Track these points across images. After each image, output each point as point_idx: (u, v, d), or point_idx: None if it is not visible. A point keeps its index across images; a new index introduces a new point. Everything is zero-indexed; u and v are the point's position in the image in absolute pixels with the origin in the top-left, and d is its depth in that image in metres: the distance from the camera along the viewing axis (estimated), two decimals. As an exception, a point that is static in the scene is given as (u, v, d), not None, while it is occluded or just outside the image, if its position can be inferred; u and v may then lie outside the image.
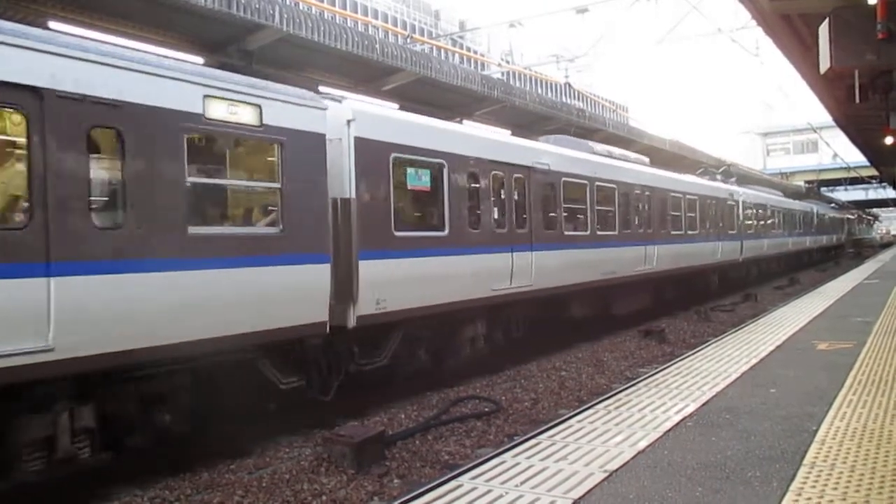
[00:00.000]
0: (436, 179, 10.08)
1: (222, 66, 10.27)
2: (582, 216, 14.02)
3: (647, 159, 18.63)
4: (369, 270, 8.52)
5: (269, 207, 7.83)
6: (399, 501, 4.84)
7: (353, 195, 8.45)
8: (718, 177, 26.08)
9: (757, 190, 29.69)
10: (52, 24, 10.00)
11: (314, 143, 7.96)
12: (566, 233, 13.08)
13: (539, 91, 33.27)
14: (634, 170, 16.77)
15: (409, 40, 23.22)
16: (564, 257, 12.82)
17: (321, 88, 10.72)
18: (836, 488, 4.22)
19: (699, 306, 18.92)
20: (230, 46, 12.78)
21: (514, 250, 11.51)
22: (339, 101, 8.80)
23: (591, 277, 13.84)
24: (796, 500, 4.06)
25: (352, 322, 8.40)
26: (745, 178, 35.79)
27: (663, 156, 28.39)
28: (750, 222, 25.99)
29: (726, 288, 23.85)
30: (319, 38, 13.02)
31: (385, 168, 9.01)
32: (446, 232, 10.15)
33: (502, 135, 14.57)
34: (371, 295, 8.54)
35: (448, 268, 10.09)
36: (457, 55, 39.69)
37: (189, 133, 6.69)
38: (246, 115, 7.23)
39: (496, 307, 11.41)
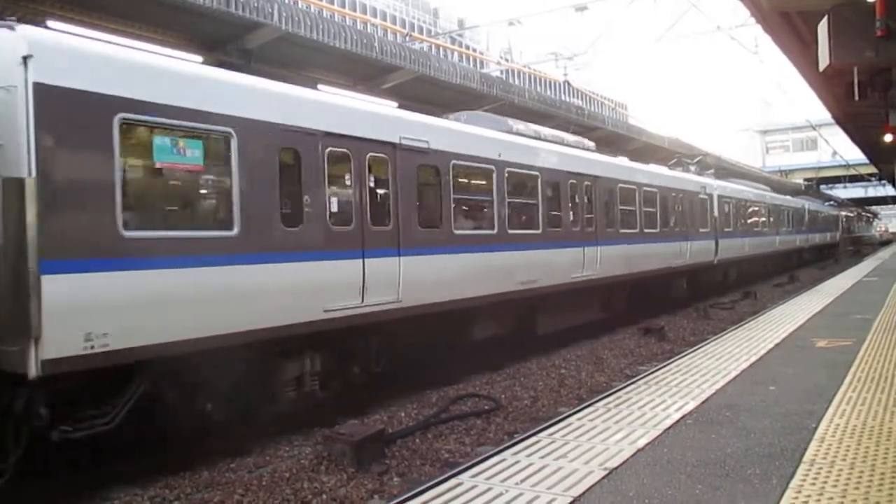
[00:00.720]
0: (214, 155, 7.18)
1: (220, 65, 10.27)
2: (486, 210, 11.14)
3: (591, 144, 15.99)
4: (71, 288, 5.80)
5: None
6: (399, 499, 4.83)
7: (33, 174, 5.65)
8: (692, 168, 23.67)
9: (739, 183, 27.31)
10: (51, 24, 9.98)
11: None
12: (457, 232, 10.23)
13: (538, 89, 33.24)
14: (568, 154, 13.86)
15: (408, 38, 23.20)
16: (454, 264, 10.06)
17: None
18: (835, 485, 4.23)
19: (699, 304, 18.93)
20: (229, 45, 12.79)
21: (368, 256, 8.61)
22: (12, 29, 5.86)
23: (502, 288, 11.04)
24: (796, 498, 4.07)
25: (34, 370, 5.56)
26: (729, 172, 33.74)
27: (660, 153, 28.34)
28: (728, 219, 23.33)
29: (700, 294, 20.88)
30: (318, 36, 13.02)
31: (105, 135, 6.15)
32: (235, 231, 7.14)
33: (358, 100, 10.89)
34: (74, 327, 5.77)
35: (239, 281, 7.13)
36: (456, 53, 39.64)
37: None
38: None
39: (336, 335, 8.39)
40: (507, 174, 11.44)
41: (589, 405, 6.62)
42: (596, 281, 14.08)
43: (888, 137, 15.01)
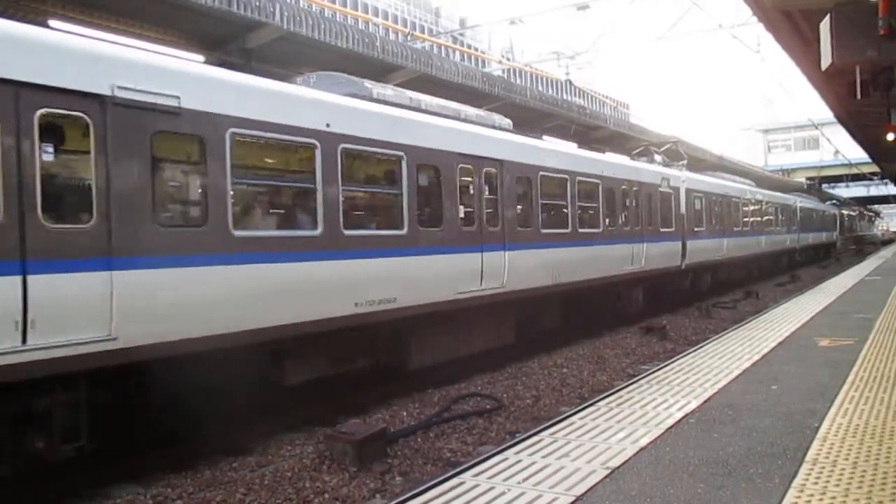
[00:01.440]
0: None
1: (221, 64, 10.28)
2: (306, 203, 8.15)
3: (507, 121, 12.80)
4: None
5: None
6: (401, 499, 4.82)
7: None
8: (658, 158, 20.28)
9: (716, 177, 24.36)
10: (53, 23, 9.99)
11: None
12: (239, 233, 7.19)
13: (540, 88, 33.25)
14: (457, 131, 10.56)
15: (409, 38, 23.20)
16: (231, 278, 7.05)
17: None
18: (838, 485, 4.22)
19: (700, 303, 18.91)
20: (230, 44, 12.79)
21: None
22: None
23: (333, 311, 8.13)
24: (798, 497, 4.06)
25: None
26: (707, 164, 30.97)
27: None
28: (700, 217, 20.42)
29: (660, 307, 17.96)
30: (320, 35, 13.01)
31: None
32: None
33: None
34: None
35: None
36: (457, 52, 39.67)
37: None
38: None
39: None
40: (344, 153, 8.46)
41: (591, 404, 6.61)
42: (503, 296, 10.95)
43: (890, 136, 14.98)
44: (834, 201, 55.12)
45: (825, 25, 8.46)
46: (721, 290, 22.78)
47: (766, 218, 28.37)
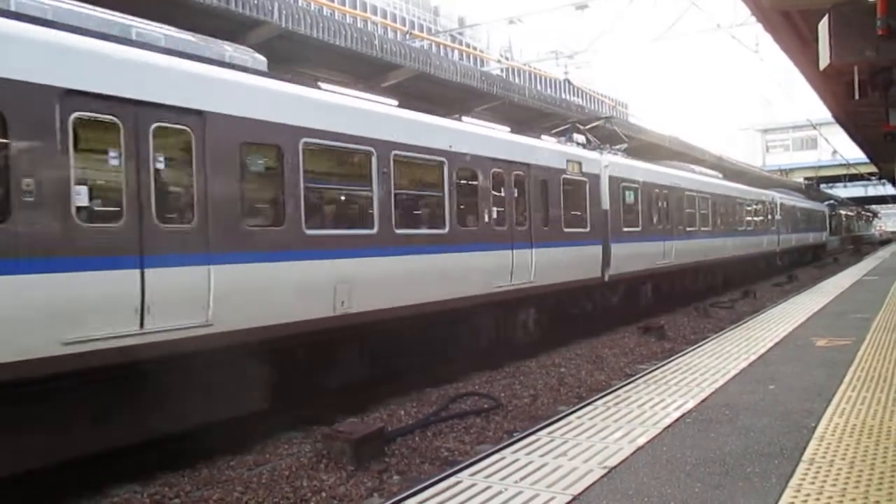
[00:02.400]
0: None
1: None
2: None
3: (312, 91, 9.01)
4: None
5: None
6: (398, 498, 4.83)
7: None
8: (578, 138, 16.03)
9: (665, 165, 20.30)
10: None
11: None
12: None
13: (538, 87, 33.25)
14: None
15: (408, 36, 23.19)
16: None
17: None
18: (834, 484, 4.23)
19: (698, 303, 18.93)
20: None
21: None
22: None
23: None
24: (795, 496, 4.07)
25: None
26: (659, 152, 26.77)
27: (661, 153, 28.21)
28: (635, 214, 16.34)
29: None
30: (318, 34, 13.01)
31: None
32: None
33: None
34: None
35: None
36: (456, 51, 39.66)
37: None
38: None
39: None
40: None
41: (588, 404, 6.62)
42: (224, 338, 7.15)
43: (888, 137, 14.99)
44: (831, 201, 54.94)
45: (823, 25, 8.47)
46: (665, 306, 18.44)
47: (735, 216, 24.50)
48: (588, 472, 4.63)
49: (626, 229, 15.77)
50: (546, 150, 13.36)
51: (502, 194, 11.55)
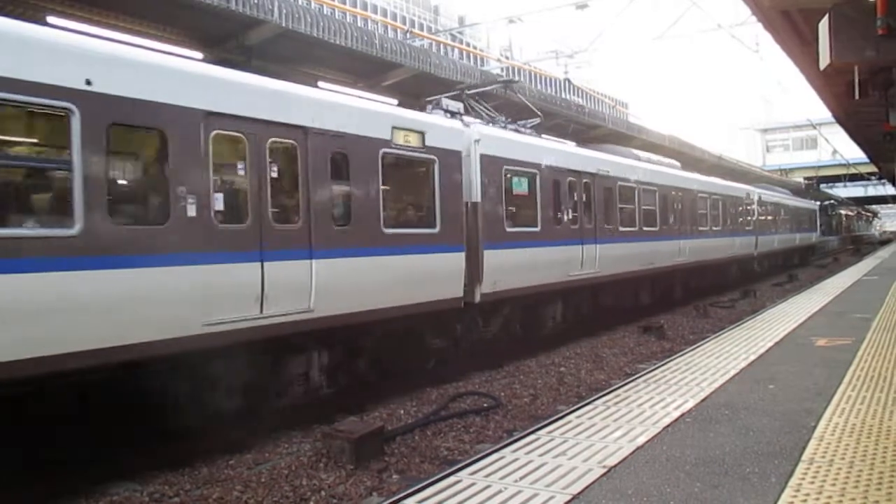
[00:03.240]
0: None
1: (221, 62, 10.27)
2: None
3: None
4: None
5: None
6: (398, 497, 4.83)
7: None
8: (452, 105, 11.94)
9: (595, 149, 15.98)
10: (51, 20, 9.97)
11: None
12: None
13: (538, 87, 33.22)
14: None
15: (408, 35, 23.19)
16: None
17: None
18: (834, 484, 4.23)
19: (698, 302, 18.93)
20: (229, 42, 12.77)
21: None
22: None
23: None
24: (794, 496, 4.07)
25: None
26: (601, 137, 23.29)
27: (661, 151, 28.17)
28: (523, 208, 12.31)
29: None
30: (319, 33, 12.99)
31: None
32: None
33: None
34: None
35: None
36: (456, 50, 39.65)
37: None
38: None
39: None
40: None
41: (588, 403, 6.62)
42: None
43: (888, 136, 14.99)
44: (831, 201, 54.67)
45: (824, 25, 8.47)
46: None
47: (696, 214, 20.42)
48: (588, 471, 4.63)
49: (514, 229, 11.75)
50: (341, 108, 8.91)
51: (241, 173, 7.64)
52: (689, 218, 19.87)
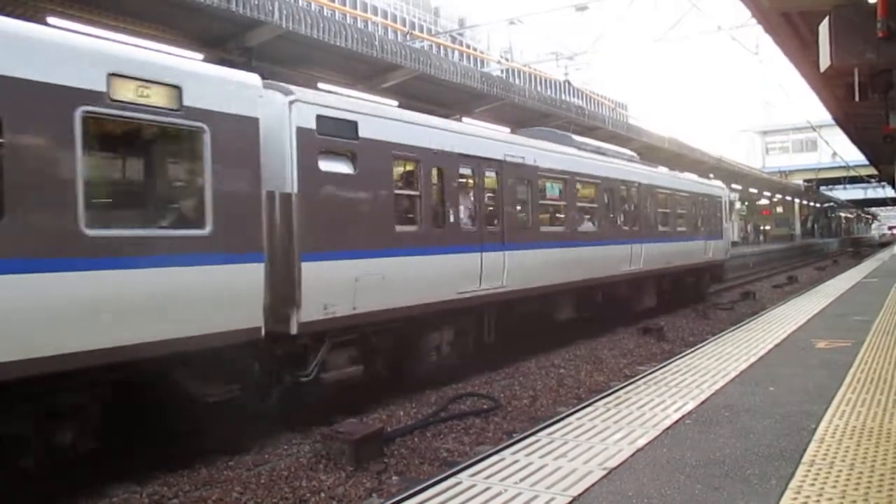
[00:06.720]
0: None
1: (222, 63, 10.27)
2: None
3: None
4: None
5: None
6: (398, 498, 4.82)
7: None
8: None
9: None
10: (51, 20, 9.97)
11: None
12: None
13: (538, 88, 33.24)
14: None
15: (408, 37, 23.20)
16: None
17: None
18: (835, 486, 4.22)
19: (698, 304, 18.92)
20: (229, 43, 12.77)
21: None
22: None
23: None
24: (795, 498, 4.06)
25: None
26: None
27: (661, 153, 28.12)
28: (353, 206, 8.73)
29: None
30: (319, 34, 12.99)
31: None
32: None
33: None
34: None
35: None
36: (456, 52, 39.66)
37: None
38: None
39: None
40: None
41: (588, 405, 6.61)
42: None
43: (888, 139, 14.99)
44: (832, 203, 54.58)
45: (824, 27, 8.48)
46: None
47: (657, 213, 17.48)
48: (588, 473, 4.62)
49: (362, 233, 8.68)
50: None
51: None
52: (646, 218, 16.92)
